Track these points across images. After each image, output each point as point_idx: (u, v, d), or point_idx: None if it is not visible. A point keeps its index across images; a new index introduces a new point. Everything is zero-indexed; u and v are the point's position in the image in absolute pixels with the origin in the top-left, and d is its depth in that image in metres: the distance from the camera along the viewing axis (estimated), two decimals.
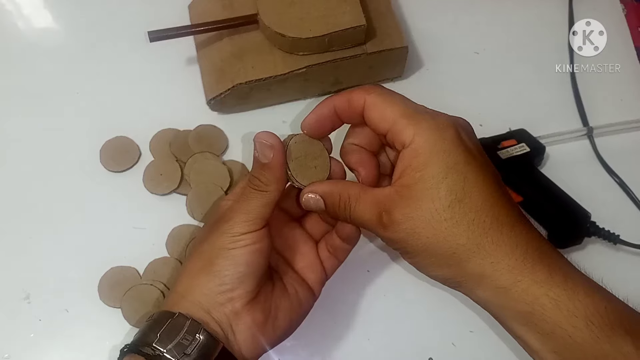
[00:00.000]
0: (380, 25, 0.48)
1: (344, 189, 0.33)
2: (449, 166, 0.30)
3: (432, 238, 0.30)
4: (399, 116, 0.31)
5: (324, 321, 0.43)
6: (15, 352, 0.41)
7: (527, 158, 0.47)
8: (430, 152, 0.30)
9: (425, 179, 0.30)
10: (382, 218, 0.31)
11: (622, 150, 0.50)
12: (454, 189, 0.30)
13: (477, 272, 0.30)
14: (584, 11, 0.57)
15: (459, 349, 0.42)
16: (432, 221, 0.30)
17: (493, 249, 0.29)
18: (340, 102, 0.33)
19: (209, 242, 0.34)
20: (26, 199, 0.46)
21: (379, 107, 0.32)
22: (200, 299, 0.32)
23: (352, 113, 0.33)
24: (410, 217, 0.30)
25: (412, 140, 0.30)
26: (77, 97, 0.50)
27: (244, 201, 0.33)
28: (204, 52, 0.50)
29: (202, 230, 0.38)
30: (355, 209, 0.32)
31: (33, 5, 0.56)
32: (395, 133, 0.31)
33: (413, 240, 0.30)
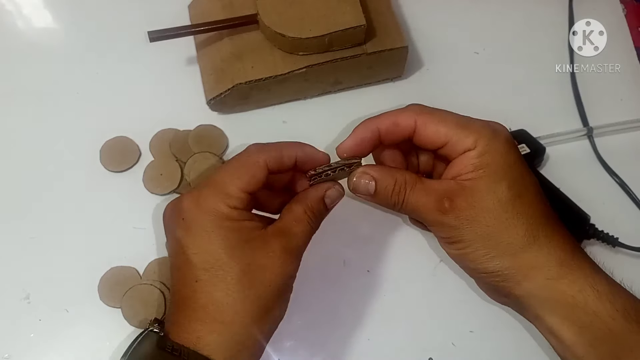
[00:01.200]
0: (380, 25, 0.48)
1: (400, 174, 0.34)
2: (509, 165, 0.33)
3: (492, 227, 0.32)
4: (454, 128, 0.33)
5: (324, 321, 0.43)
6: (15, 352, 0.41)
7: (527, 159, 0.47)
8: (493, 153, 0.32)
9: (489, 175, 0.32)
10: (444, 204, 0.32)
11: (622, 150, 0.50)
12: (515, 185, 0.32)
13: (530, 264, 0.32)
14: (584, 11, 0.57)
15: (459, 349, 0.42)
16: (495, 211, 0.32)
17: (547, 242, 0.32)
18: (385, 124, 0.34)
19: (262, 282, 0.31)
20: (26, 199, 0.46)
21: (432, 125, 0.33)
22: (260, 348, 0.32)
23: (400, 135, 0.34)
24: (474, 205, 0.32)
25: (475, 145, 0.32)
26: (77, 97, 0.50)
27: (296, 237, 0.33)
28: (204, 52, 0.50)
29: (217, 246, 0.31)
30: (411, 194, 0.33)
31: (33, 5, 0.56)
32: (455, 143, 0.33)
33: (472, 228, 0.32)
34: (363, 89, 0.52)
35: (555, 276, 0.31)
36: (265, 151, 0.33)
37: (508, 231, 0.32)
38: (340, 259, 0.45)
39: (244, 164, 0.33)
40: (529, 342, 0.42)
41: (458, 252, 0.33)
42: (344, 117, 0.51)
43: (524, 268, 0.32)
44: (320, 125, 0.50)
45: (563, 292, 0.31)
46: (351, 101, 0.51)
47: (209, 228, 0.31)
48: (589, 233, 0.45)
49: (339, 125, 0.50)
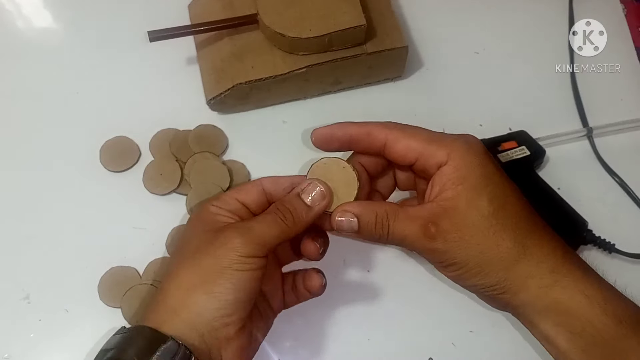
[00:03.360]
0: (380, 25, 0.48)
1: (379, 206, 0.33)
2: (487, 176, 0.32)
3: (481, 245, 0.32)
4: (426, 143, 0.33)
5: (324, 321, 0.43)
6: (15, 352, 0.41)
7: (526, 161, 0.47)
8: (468, 166, 0.32)
9: (468, 190, 0.32)
10: (430, 229, 0.32)
11: (622, 150, 0.50)
12: (496, 197, 0.32)
13: (524, 274, 0.32)
14: (584, 11, 0.57)
15: (459, 349, 0.42)
16: (481, 227, 0.31)
17: (536, 250, 0.32)
18: (357, 133, 0.35)
19: (210, 256, 0.31)
20: (26, 199, 0.46)
21: (403, 140, 0.33)
22: (196, 320, 0.30)
23: (371, 146, 0.35)
24: (459, 225, 0.32)
25: (448, 159, 0.32)
26: (77, 97, 0.50)
27: (261, 224, 0.32)
28: (204, 52, 0.50)
29: (190, 232, 0.34)
30: (395, 225, 0.33)
31: (33, 5, 0.56)
32: (427, 158, 0.33)
33: (462, 249, 0.32)
34: (363, 89, 0.52)
35: (547, 284, 0.31)
36: (268, 177, 0.36)
37: (497, 246, 0.32)
38: (340, 259, 0.45)
39: (245, 183, 0.38)
40: (529, 342, 0.42)
41: (454, 274, 0.33)
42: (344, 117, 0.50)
43: (520, 278, 0.32)
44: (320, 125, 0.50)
45: (555, 300, 0.31)
46: (351, 101, 0.51)
47: (192, 220, 0.36)
48: (586, 239, 0.45)
49: None
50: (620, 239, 0.45)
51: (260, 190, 0.35)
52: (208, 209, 0.35)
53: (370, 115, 0.51)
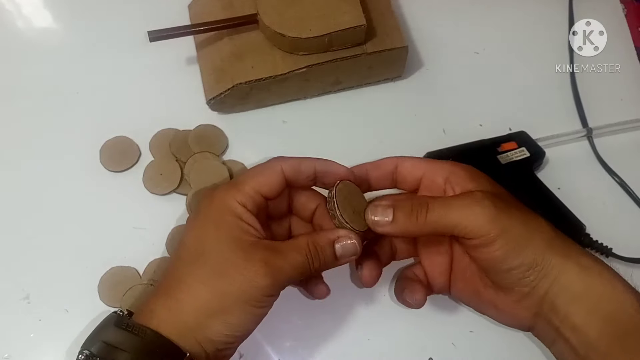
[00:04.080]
0: (380, 25, 0.48)
1: (415, 197, 0.36)
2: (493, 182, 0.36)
3: (523, 216, 0.33)
4: (430, 163, 0.37)
5: (323, 321, 0.43)
6: (15, 352, 0.41)
7: (526, 163, 0.47)
8: (473, 172, 0.36)
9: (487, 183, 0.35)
10: (477, 197, 0.33)
11: (622, 150, 0.50)
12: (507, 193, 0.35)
13: (562, 252, 0.32)
14: (584, 11, 0.57)
15: (459, 349, 0.42)
16: (516, 205, 0.34)
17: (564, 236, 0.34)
18: (368, 166, 0.38)
19: (234, 286, 0.30)
20: (26, 199, 0.46)
21: (410, 161, 0.37)
22: (207, 341, 0.31)
23: (382, 173, 0.38)
24: (500, 197, 0.34)
25: (453, 169, 0.36)
26: (77, 97, 0.50)
27: (290, 265, 0.32)
28: (204, 52, 0.50)
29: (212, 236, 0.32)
30: (435, 204, 0.33)
31: (33, 5, 0.56)
32: (432, 171, 0.36)
33: (507, 218, 0.33)
34: (363, 89, 0.52)
35: (585, 265, 0.32)
36: (284, 160, 0.34)
37: (536, 219, 0.33)
38: None
39: (263, 168, 0.34)
40: (529, 343, 0.42)
41: (497, 251, 0.32)
42: (344, 117, 0.51)
43: (559, 256, 0.32)
44: (320, 125, 0.50)
45: (591, 284, 0.32)
46: (351, 101, 0.51)
47: (211, 217, 0.32)
48: (584, 242, 0.45)
49: (339, 125, 0.50)
50: (620, 240, 0.45)
51: (281, 178, 0.34)
52: (232, 208, 0.32)
53: (370, 115, 0.51)
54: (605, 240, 0.45)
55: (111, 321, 0.31)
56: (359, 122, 0.51)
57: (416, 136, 0.50)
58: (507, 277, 0.33)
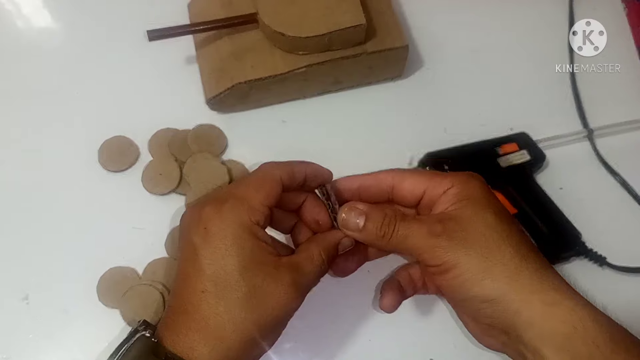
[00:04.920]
0: (381, 24, 0.48)
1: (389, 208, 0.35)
2: (489, 200, 0.34)
3: (484, 248, 0.32)
4: (430, 177, 0.35)
5: (324, 322, 0.43)
6: (14, 353, 0.41)
7: (526, 167, 0.47)
8: (472, 189, 0.34)
9: (474, 203, 0.33)
10: (436, 227, 0.32)
11: (623, 150, 0.50)
12: (499, 214, 0.33)
13: (527, 288, 0.31)
14: (584, 11, 0.57)
15: (460, 351, 0.42)
16: (485, 234, 0.32)
17: (538, 267, 0.32)
18: (366, 180, 0.37)
19: (268, 311, 0.31)
20: (25, 199, 0.46)
21: (409, 178, 0.36)
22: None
23: (380, 191, 0.36)
24: (464, 227, 0.32)
25: (453, 185, 0.34)
26: (76, 97, 0.50)
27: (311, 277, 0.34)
28: (203, 51, 0.50)
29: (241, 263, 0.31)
30: (402, 224, 0.33)
31: (32, 4, 0.55)
32: (433, 188, 0.35)
33: (465, 250, 0.32)
34: (363, 89, 0.52)
35: (552, 302, 0.30)
36: (280, 167, 0.34)
37: (501, 252, 0.31)
38: None
39: (263, 178, 0.33)
40: None
41: (455, 281, 0.32)
42: (344, 117, 0.51)
43: (522, 292, 0.31)
44: (320, 125, 0.50)
45: (562, 320, 0.30)
46: (351, 100, 0.51)
47: (228, 241, 0.31)
48: (579, 251, 0.45)
49: (338, 124, 0.50)
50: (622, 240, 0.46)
51: (281, 187, 0.34)
52: (248, 228, 0.32)
53: (370, 115, 0.51)
54: (607, 240, 0.45)
55: (144, 347, 0.30)
56: (359, 122, 0.51)
57: (417, 136, 0.50)
58: (466, 306, 0.33)
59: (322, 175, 0.37)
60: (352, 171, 0.48)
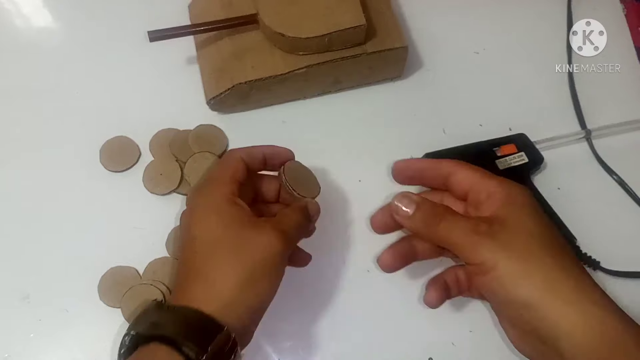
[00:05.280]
0: (380, 25, 0.48)
1: (438, 203, 0.37)
2: (534, 207, 0.35)
3: (526, 253, 0.32)
4: (481, 176, 0.36)
5: (323, 321, 0.43)
6: (15, 352, 0.41)
7: (524, 169, 0.47)
8: (517, 195, 0.35)
9: (518, 209, 0.34)
10: (481, 226, 0.33)
11: (621, 150, 0.51)
12: (542, 222, 0.34)
13: (566, 296, 0.31)
14: (583, 11, 0.57)
15: (459, 349, 0.43)
16: (527, 240, 0.33)
17: (578, 279, 0.32)
18: (429, 164, 0.39)
19: (252, 253, 0.34)
20: (26, 199, 0.46)
21: (464, 171, 0.37)
22: (242, 313, 0.33)
23: (438, 175, 0.38)
24: (508, 230, 0.33)
25: (498, 189, 0.35)
26: (76, 97, 0.50)
27: (287, 223, 0.36)
28: (204, 51, 0.50)
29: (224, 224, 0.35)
30: (449, 217, 0.35)
31: (32, 4, 0.56)
32: (480, 186, 0.36)
33: (507, 252, 0.32)
34: (363, 89, 0.52)
35: (592, 316, 0.30)
36: (240, 149, 0.39)
37: (541, 259, 0.32)
38: (340, 259, 0.45)
39: (227, 159, 0.38)
40: None
41: (492, 282, 0.32)
42: (344, 117, 0.51)
43: (560, 302, 0.31)
44: (320, 125, 0.50)
45: (595, 336, 0.30)
46: (351, 101, 0.52)
47: (209, 210, 0.35)
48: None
49: (338, 125, 0.51)
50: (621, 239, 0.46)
51: (243, 164, 0.38)
52: (226, 197, 0.36)
53: (370, 115, 0.51)
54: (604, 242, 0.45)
55: (152, 306, 0.34)
56: (358, 122, 0.51)
57: (416, 136, 0.50)
58: (505, 311, 0.34)
59: (279, 154, 0.40)
60: (352, 170, 0.48)
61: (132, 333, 0.32)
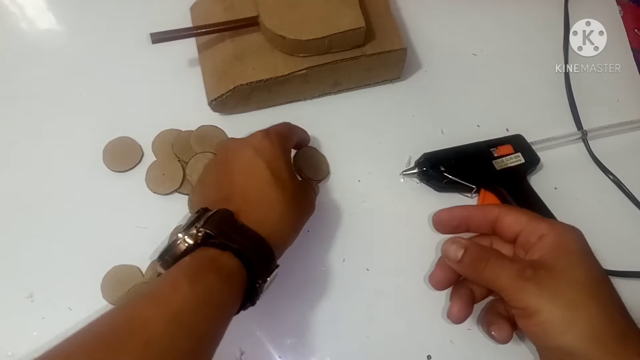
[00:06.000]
0: (379, 27, 0.49)
1: (487, 247, 0.37)
2: (585, 253, 0.34)
3: (572, 302, 0.32)
4: (531, 218, 0.36)
5: (323, 319, 0.43)
6: (18, 350, 0.41)
7: (521, 169, 0.48)
8: (568, 240, 0.35)
9: (567, 257, 0.34)
10: (526, 271, 0.33)
11: (617, 150, 0.51)
12: (592, 271, 0.33)
13: (610, 348, 0.31)
14: (580, 13, 0.58)
15: (457, 347, 0.43)
16: (575, 288, 0.32)
17: (623, 330, 0.32)
18: (474, 210, 0.39)
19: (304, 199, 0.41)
20: (30, 199, 0.46)
21: (513, 214, 0.37)
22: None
23: (485, 220, 0.38)
24: (555, 277, 0.33)
25: (549, 232, 0.35)
26: (80, 98, 0.51)
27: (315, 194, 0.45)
28: (206, 53, 0.51)
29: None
30: (495, 261, 0.35)
31: (36, 7, 0.56)
32: (531, 229, 0.36)
33: (552, 299, 0.32)
34: (362, 90, 0.53)
35: None
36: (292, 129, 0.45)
37: (587, 308, 0.32)
38: (340, 257, 0.46)
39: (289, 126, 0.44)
40: (527, 340, 0.43)
41: (535, 327, 0.33)
42: (344, 118, 0.51)
43: (603, 353, 0.31)
44: (319, 126, 0.51)
45: None
46: (350, 102, 0.52)
47: (278, 152, 0.39)
48: None
49: (338, 125, 0.51)
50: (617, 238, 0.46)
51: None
52: (284, 148, 0.41)
53: (369, 116, 0.52)
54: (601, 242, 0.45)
55: (228, 216, 0.35)
56: (358, 123, 0.51)
57: (414, 136, 0.50)
58: (547, 354, 0.34)
59: (304, 141, 0.47)
60: (351, 170, 0.49)
61: (208, 232, 0.33)
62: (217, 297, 0.32)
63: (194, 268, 0.32)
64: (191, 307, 0.30)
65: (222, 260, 0.33)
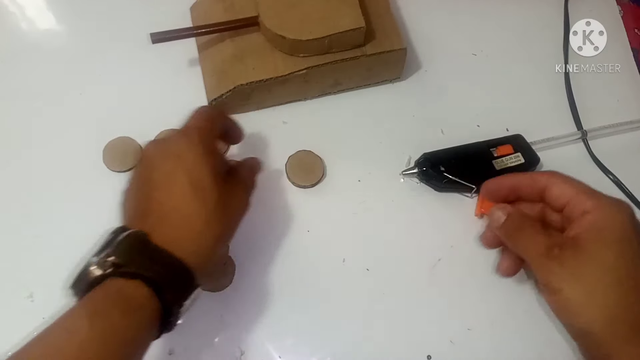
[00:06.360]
0: (379, 27, 0.49)
1: (530, 217, 0.38)
2: (625, 238, 0.34)
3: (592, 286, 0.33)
4: (579, 192, 0.36)
5: (324, 319, 0.43)
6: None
7: (520, 169, 0.48)
8: (609, 221, 0.34)
9: (601, 240, 0.34)
10: (553, 250, 0.34)
11: (617, 150, 0.51)
12: (625, 256, 0.33)
13: (624, 334, 0.32)
14: (580, 13, 0.58)
15: (457, 347, 0.43)
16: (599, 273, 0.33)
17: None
18: (523, 178, 0.40)
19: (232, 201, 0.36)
20: (29, 199, 0.47)
21: (561, 185, 0.37)
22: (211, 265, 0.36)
23: (533, 190, 0.39)
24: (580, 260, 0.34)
25: (593, 209, 0.35)
26: (80, 98, 0.51)
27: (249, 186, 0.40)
28: (206, 53, 0.51)
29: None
30: (529, 232, 0.36)
31: (36, 6, 0.56)
32: (576, 204, 0.36)
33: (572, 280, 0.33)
34: (362, 90, 0.53)
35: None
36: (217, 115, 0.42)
37: (605, 294, 0.32)
38: (339, 258, 0.46)
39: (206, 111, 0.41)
40: (527, 340, 0.43)
41: (554, 303, 0.34)
42: (344, 118, 0.51)
43: (615, 338, 0.32)
44: (319, 126, 0.51)
45: None
46: (350, 102, 0.52)
47: (199, 158, 0.35)
48: None
49: (338, 125, 0.51)
50: None
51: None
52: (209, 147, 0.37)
53: (369, 116, 0.52)
54: None
55: (138, 240, 0.33)
56: (358, 123, 0.51)
57: (415, 137, 0.50)
58: (568, 329, 0.35)
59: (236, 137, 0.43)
60: (351, 170, 0.49)
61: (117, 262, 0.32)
62: (122, 333, 0.30)
63: (98, 303, 0.31)
64: (93, 349, 0.29)
65: (129, 291, 0.31)
